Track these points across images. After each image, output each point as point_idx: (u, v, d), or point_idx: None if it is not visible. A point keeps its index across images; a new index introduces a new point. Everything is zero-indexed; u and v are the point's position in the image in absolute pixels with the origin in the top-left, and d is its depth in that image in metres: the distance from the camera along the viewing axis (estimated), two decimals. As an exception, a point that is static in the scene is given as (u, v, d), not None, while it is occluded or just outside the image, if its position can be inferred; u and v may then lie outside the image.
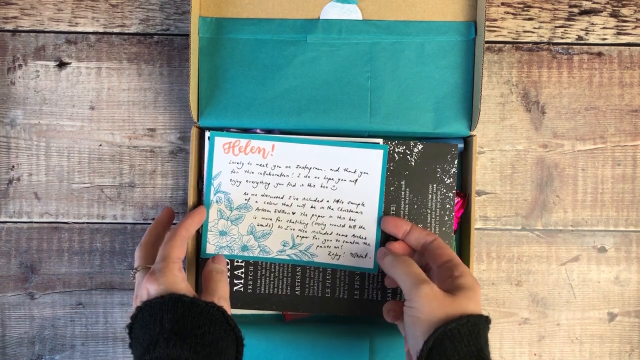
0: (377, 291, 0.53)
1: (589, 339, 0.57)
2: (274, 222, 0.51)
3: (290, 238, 0.51)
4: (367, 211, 0.51)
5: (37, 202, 0.56)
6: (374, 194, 0.51)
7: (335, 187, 0.51)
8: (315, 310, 0.53)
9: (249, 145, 0.50)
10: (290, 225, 0.51)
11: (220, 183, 0.51)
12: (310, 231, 0.51)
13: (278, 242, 0.52)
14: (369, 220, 0.51)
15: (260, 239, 0.51)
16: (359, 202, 0.51)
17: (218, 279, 0.46)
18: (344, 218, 0.51)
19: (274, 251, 0.52)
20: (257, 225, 0.51)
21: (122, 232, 0.57)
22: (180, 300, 0.40)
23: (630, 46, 0.57)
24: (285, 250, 0.52)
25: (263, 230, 0.51)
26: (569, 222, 0.57)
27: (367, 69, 0.53)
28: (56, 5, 0.56)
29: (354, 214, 0.51)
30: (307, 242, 0.51)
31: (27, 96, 0.56)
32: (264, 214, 0.51)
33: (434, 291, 0.42)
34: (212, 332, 0.40)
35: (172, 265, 0.43)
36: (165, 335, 0.38)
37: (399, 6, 0.53)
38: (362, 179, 0.51)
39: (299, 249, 0.51)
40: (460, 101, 0.53)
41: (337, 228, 0.51)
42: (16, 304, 0.57)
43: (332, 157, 0.51)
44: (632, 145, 0.57)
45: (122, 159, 0.57)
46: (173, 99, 0.57)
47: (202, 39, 0.53)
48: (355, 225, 0.51)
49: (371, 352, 0.52)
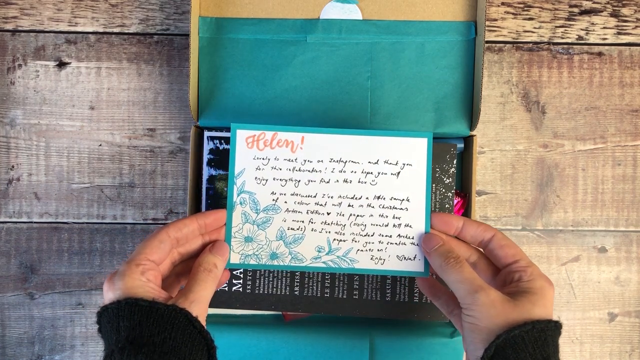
0: (376, 291, 0.53)
1: (589, 339, 0.57)
2: (307, 225, 0.46)
3: (326, 242, 0.46)
4: (413, 207, 0.46)
5: (37, 202, 0.56)
6: (419, 187, 0.45)
7: (375, 182, 0.46)
8: (315, 310, 0.53)
9: (276, 138, 0.45)
10: (326, 228, 0.46)
11: (244, 182, 0.46)
12: (349, 233, 0.46)
13: (312, 247, 0.46)
14: (416, 217, 0.46)
15: (292, 245, 0.46)
16: (403, 197, 0.45)
17: (201, 279, 0.41)
18: (387, 216, 0.46)
19: (307, 258, 0.46)
20: (287, 229, 0.46)
21: (122, 232, 0.57)
22: (137, 305, 0.36)
23: (630, 46, 0.57)
24: (321, 257, 0.46)
25: (294, 235, 0.46)
26: (569, 222, 0.57)
27: (367, 69, 0.53)
28: (56, 5, 0.56)
29: (398, 211, 0.46)
30: (345, 246, 0.46)
31: (27, 96, 0.56)
32: (295, 216, 0.46)
33: (491, 298, 0.39)
34: (172, 337, 0.36)
35: (134, 267, 0.38)
36: (120, 344, 0.35)
37: (399, 6, 0.53)
38: (405, 171, 0.45)
39: (336, 255, 0.46)
40: (461, 101, 0.53)
41: (379, 228, 0.46)
42: (16, 304, 0.57)
43: (370, 149, 0.45)
44: (633, 145, 0.57)
45: (122, 159, 0.56)
46: (173, 99, 0.57)
47: (202, 39, 0.53)
48: (401, 224, 0.46)
49: (371, 352, 0.52)
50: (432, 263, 0.44)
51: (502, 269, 0.43)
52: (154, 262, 0.40)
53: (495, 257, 0.43)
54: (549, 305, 0.39)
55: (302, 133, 0.45)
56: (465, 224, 0.44)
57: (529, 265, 0.41)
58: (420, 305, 0.53)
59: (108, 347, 0.36)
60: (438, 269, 0.43)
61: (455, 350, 0.52)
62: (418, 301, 0.53)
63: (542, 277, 0.41)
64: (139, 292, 0.37)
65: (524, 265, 0.42)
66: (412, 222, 0.46)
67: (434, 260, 0.43)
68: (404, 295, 0.53)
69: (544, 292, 0.40)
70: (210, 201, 0.53)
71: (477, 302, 0.39)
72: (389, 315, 0.53)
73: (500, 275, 0.43)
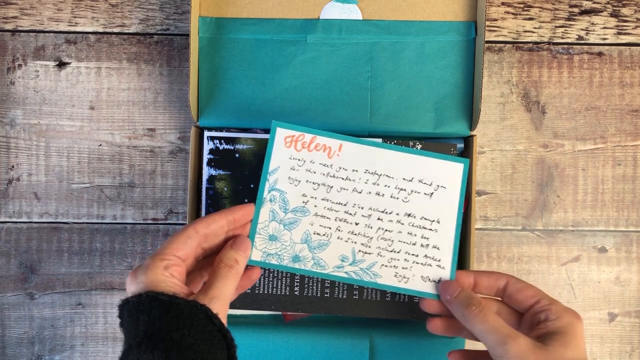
0: (376, 291, 0.53)
1: (589, 339, 0.57)
2: (333, 232, 0.45)
3: (350, 252, 0.45)
4: (442, 229, 0.45)
5: (36, 202, 0.56)
6: (451, 211, 0.45)
7: (408, 199, 0.45)
8: (315, 310, 0.53)
9: (314, 142, 0.45)
10: (352, 238, 0.45)
11: (277, 180, 0.45)
12: (375, 247, 0.45)
13: (336, 256, 0.45)
14: (444, 241, 0.45)
15: (316, 250, 0.45)
16: (433, 218, 0.45)
17: (222, 275, 0.40)
18: (416, 235, 0.45)
19: (330, 266, 0.45)
20: (313, 234, 0.45)
21: (121, 232, 0.57)
22: (157, 299, 0.36)
23: (630, 46, 0.57)
24: (344, 267, 0.45)
25: (320, 240, 0.45)
26: (569, 222, 0.57)
27: (367, 69, 0.53)
28: (56, 5, 0.56)
29: (427, 232, 0.45)
30: (370, 260, 0.45)
31: (27, 96, 0.56)
32: (323, 221, 0.45)
33: (522, 348, 0.37)
34: (191, 334, 0.35)
35: (158, 262, 0.38)
36: (138, 339, 0.35)
37: (399, 6, 0.53)
38: (438, 192, 0.45)
39: (359, 267, 0.45)
40: (461, 101, 0.53)
41: (406, 246, 0.45)
42: (16, 304, 0.57)
43: (406, 166, 0.45)
44: (633, 145, 0.57)
45: (122, 159, 0.56)
46: (173, 99, 0.57)
47: (202, 39, 0.53)
48: (429, 245, 0.45)
49: (371, 352, 0.52)
50: (453, 312, 0.42)
51: (525, 313, 0.42)
52: (180, 258, 0.39)
53: (515, 301, 0.42)
54: (581, 344, 0.38)
55: (340, 140, 0.45)
56: (477, 277, 0.44)
57: (552, 303, 0.41)
58: (420, 305, 0.53)
59: (127, 341, 0.36)
60: (461, 318, 0.41)
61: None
62: (418, 301, 0.53)
63: (568, 312, 0.40)
64: (160, 286, 0.37)
65: (547, 303, 0.41)
66: (440, 244, 0.45)
67: (456, 309, 0.42)
68: (404, 295, 0.53)
69: (574, 329, 0.39)
70: (210, 201, 0.53)
71: (508, 354, 0.37)
72: (389, 315, 0.53)
73: (525, 319, 0.42)
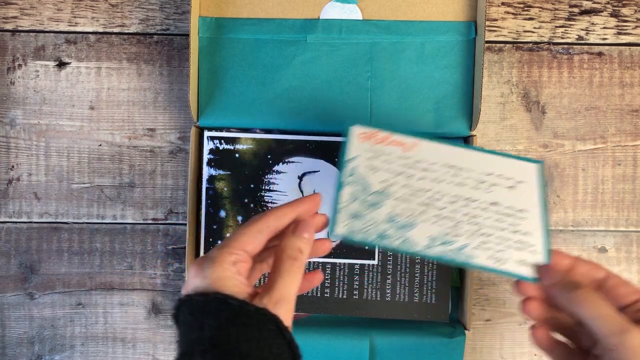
0: (376, 291, 0.53)
1: (589, 339, 0.57)
2: (419, 215, 0.44)
3: (439, 234, 0.44)
4: (531, 217, 0.44)
5: (36, 202, 0.56)
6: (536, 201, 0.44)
7: (490, 190, 0.44)
8: (315, 310, 0.53)
9: (389, 139, 0.44)
10: (439, 222, 0.44)
11: (356, 167, 0.44)
12: (464, 230, 0.44)
13: (424, 236, 0.44)
14: (534, 227, 0.44)
15: (402, 230, 0.43)
16: (520, 207, 0.44)
17: (285, 269, 0.35)
18: (504, 222, 0.44)
19: (420, 245, 0.43)
20: (397, 215, 0.43)
21: (122, 232, 0.57)
22: (226, 303, 0.32)
23: (630, 46, 0.57)
24: (433, 247, 0.44)
25: (406, 221, 0.44)
26: (569, 222, 0.57)
27: (367, 69, 0.53)
28: (56, 5, 0.56)
29: (515, 219, 0.44)
30: (460, 242, 0.44)
31: (27, 96, 0.56)
32: (407, 205, 0.44)
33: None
34: (260, 347, 0.32)
35: (226, 256, 0.34)
36: (202, 346, 0.32)
37: (399, 6, 0.53)
38: (519, 186, 0.44)
39: (449, 248, 0.44)
40: (461, 101, 0.53)
41: (497, 231, 0.44)
42: (16, 304, 0.57)
43: (484, 162, 0.44)
44: (633, 145, 0.57)
45: (122, 159, 0.56)
46: (173, 99, 0.57)
47: (202, 39, 0.53)
48: (519, 231, 0.44)
49: (371, 352, 0.52)
50: (556, 295, 0.39)
51: (625, 308, 0.38)
52: (247, 253, 0.36)
53: (615, 296, 0.39)
54: None
55: (416, 139, 0.44)
56: (575, 263, 0.41)
57: None
58: (420, 305, 0.53)
59: (187, 344, 0.33)
60: (566, 301, 0.38)
61: (455, 350, 0.52)
62: (418, 301, 0.53)
63: None
64: (228, 285, 0.33)
65: None
66: (531, 230, 0.44)
67: (560, 292, 0.39)
68: (404, 295, 0.53)
69: None
70: (210, 201, 0.53)
71: (626, 344, 0.34)
72: (389, 315, 0.53)
73: (625, 315, 0.39)
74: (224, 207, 0.53)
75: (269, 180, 0.53)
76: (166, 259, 0.57)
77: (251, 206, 0.53)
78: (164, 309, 0.57)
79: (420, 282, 0.53)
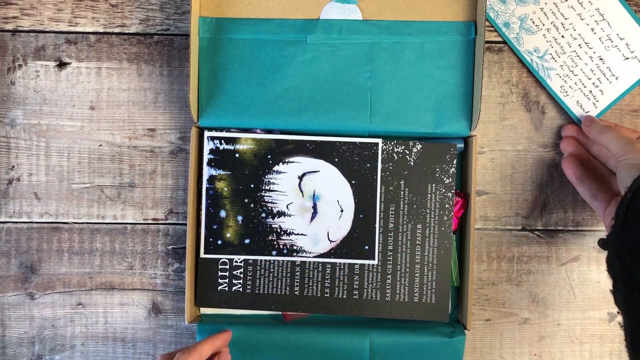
0: (376, 291, 0.53)
1: (589, 339, 0.57)
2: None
3: (543, 47, 0.55)
4: (616, 83, 0.55)
5: (37, 202, 0.56)
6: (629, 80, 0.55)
7: (609, 49, 0.54)
8: (314, 310, 0.53)
9: None
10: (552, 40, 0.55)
11: None
12: (562, 59, 0.55)
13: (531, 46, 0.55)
14: (610, 90, 0.55)
15: None
16: (616, 74, 0.55)
17: None
18: (595, 74, 0.54)
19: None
20: None
21: (122, 232, 0.57)
22: None
23: (630, 46, 0.57)
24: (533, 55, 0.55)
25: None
26: (569, 222, 0.57)
27: (367, 69, 0.53)
28: (56, 5, 0.56)
29: (604, 78, 0.54)
30: (553, 64, 0.55)
31: (27, 96, 0.56)
32: None
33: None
34: None
35: None
36: None
37: (399, 6, 0.53)
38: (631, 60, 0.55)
39: (540, 57, 0.55)
40: (461, 101, 0.53)
41: (584, 76, 0.55)
42: (16, 304, 0.57)
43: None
44: (633, 145, 0.57)
45: (122, 159, 0.57)
46: (173, 99, 0.57)
47: (202, 39, 0.53)
48: (598, 87, 0.54)
49: (371, 352, 0.52)
50: (590, 132, 0.52)
51: None
52: None
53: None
54: None
55: None
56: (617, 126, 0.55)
57: None
58: (420, 305, 0.53)
59: None
60: (598, 133, 0.51)
61: (455, 350, 0.52)
62: (418, 301, 0.53)
63: None
64: None
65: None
66: (606, 91, 0.55)
67: (594, 128, 0.52)
68: (404, 295, 0.53)
69: None
70: (210, 201, 0.53)
71: (635, 147, 0.46)
72: (389, 315, 0.53)
73: None
74: (224, 207, 0.53)
75: (269, 180, 0.53)
76: (166, 259, 0.57)
77: (251, 206, 0.53)
78: (164, 309, 0.57)
79: (420, 282, 0.53)
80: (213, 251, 0.53)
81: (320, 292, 0.53)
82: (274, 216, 0.53)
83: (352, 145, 0.53)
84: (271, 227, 0.53)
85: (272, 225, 0.53)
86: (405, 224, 0.53)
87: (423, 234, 0.53)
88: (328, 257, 0.53)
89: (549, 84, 0.54)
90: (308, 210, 0.53)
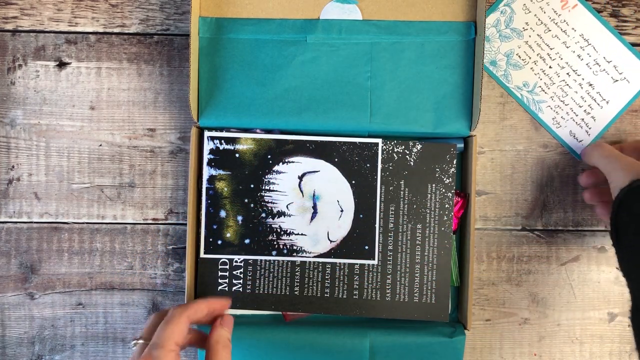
0: (376, 291, 0.53)
1: (589, 339, 0.57)
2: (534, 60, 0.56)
3: (532, 82, 0.55)
4: (608, 109, 0.55)
5: (37, 202, 0.56)
6: (623, 101, 0.55)
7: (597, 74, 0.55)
8: (315, 310, 0.53)
9: None
10: (540, 74, 0.55)
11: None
12: (552, 91, 0.55)
13: (520, 80, 0.55)
14: (603, 118, 0.56)
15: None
16: (607, 99, 0.55)
17: (223, 356, 0.42)
18: (586, 102, 0.55)
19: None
20: None
21: (122, 232, 0.57)
22: None
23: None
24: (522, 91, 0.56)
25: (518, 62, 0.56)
26: (569, 222, 0.57)
27: (367, 69, 0.53)
28: (56, 5, 0.56)
29: (596, 105, 0.54)
30: (542, 96, 0.55)
31: (27, 96, 0.56)
32: None
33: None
34: None
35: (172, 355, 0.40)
36: None
37: (399, 6, 0.53)
38: (621, 82, 0.55)
39: (532, 94, 0.56)
40: (460, 101, 0.53)
41: (575, 105, 0.55)
42: (16, 304, 0.57)
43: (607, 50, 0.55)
44: (633, 145, 0.57)
45: (122, 159, 0.57)
46: (173, 99, 0.57)
47: (202, 39, 0.53)
48: (590, 114, 0.55)
49: (371, 352, 0.52)
50: (587, 157, 0.54)
51: None
52: (179, 345, 0.41)
53: None
54: None
55: None
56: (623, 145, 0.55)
57: None
58: (420, 305, 0.53)
59: None
60: (589, 158, 0.53)
61: (455, 350, 0.52)
62: (418, 301, 0.53)
63: None
64: None
65: None
66: (598, 118, 0.55)
67: (588, 153, 0.53)
68: (404, 295, 0.53)
69: None
70: (210, 201, 0.53)
71: (620, 163, 0.47)
72: (388, 315, 0.53)
73: None
74: (224, 207, 0.53)
75: (269, 180, 0.53)
76: (166, 259, 0.57)
77: (251, 206, 0.53)
78: (164, 309, 0.57)
79: (420, 282, 0.53)
80: (213, 251, 0.53)
81: (320, 292, 0.53)
82: (274, 216, 0.53)
83: (352, 145, 0.53)
84: (271, 227, 0.53)
85: (272, 225, 0.53)
86: (405, 224, 0.53)
87: (423, 234, 0.53)
88: (328, 257, 0.53)
89: (541, 118, 0.55)
90: (308, 210, 0.53)
